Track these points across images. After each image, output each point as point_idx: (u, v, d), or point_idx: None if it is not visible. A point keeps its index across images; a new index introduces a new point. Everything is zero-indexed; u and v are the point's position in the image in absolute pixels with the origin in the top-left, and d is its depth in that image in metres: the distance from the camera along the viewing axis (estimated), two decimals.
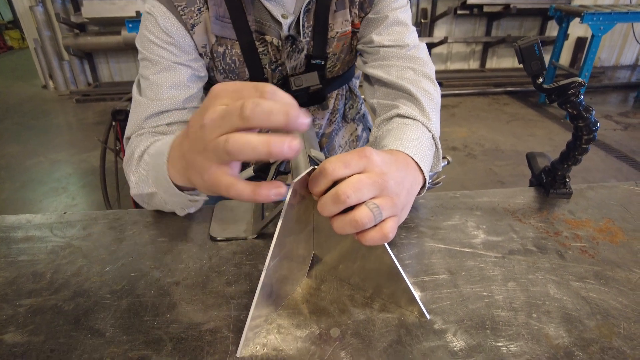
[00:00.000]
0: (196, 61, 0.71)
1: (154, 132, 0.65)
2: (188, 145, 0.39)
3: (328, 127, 0.93)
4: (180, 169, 0.44)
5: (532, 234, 0.61)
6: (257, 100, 0.32)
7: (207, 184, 0.36)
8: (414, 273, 0.53)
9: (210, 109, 0.34)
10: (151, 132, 0.65)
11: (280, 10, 0.70)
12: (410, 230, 0.62)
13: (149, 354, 0.42)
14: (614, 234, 0.60)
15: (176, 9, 0.66)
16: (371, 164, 0.40)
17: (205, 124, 0.34)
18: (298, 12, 0.70)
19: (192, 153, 0.38)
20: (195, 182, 0.40)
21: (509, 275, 0.53)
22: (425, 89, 0.66)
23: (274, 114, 0.31)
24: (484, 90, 4.38)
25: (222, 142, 0.32)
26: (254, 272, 0.54)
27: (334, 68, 0.81)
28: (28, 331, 0.45)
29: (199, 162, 0.36)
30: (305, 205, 0.45)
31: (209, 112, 0.34)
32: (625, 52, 5.27)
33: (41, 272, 0.54)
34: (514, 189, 0.72)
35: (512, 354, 0.42)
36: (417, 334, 0.44)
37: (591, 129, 0.61)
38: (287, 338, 0.44)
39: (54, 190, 2.68)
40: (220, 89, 0.35)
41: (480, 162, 2.89)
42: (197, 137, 0.36)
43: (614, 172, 2.73)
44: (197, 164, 0.37)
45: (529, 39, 0.58)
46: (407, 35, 0.72)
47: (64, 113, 4.08)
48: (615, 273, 0.53)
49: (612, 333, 0.44)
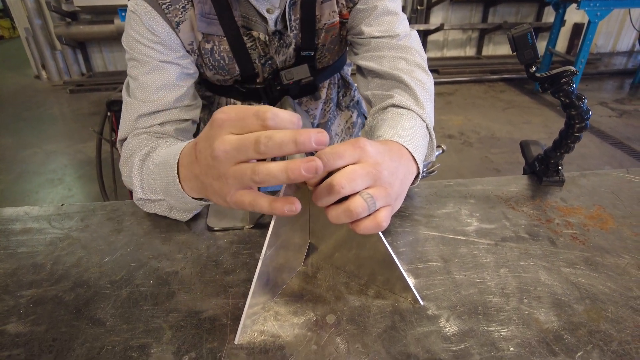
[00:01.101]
0: (184, 58, 0.70)
1: (149, 132, 0.65)
2: (199, 169, 0.41)
3: (323, 117, 0.93)
4: (195, 187, 0.47)
5: (525, 222, 0.62)
6: (269, 134, 0.34)
7: (230, 203, 0.39)
8: (408, 260, 0.54)
9: (218, 139, 0.36)
10: (147, 132, 0.65)
11: (265, 5, 0.69)
12: (405, 218, 0.62)
13: (149, 342, 0.43)
14: (604, 221, 0.62)
15: (160, 7, 0.65)
16: (365, 155, 0.41)
17: (218, 156, 0.36)
18: (284, 6, 0.70)
19: (207, 178, 0.40)
20: (214, 200, 0.42)
21: (501, 262, 0.54)
22: (418, 78, 0.66)
23: (285, 145, 0.33)
24: (480, 77, 4.37)
25: (248, 172, 0.35)
26: (251, 261, 0.54)
27: (323, 59, 0.81)
28: (30, 321, 0.46)
29: (218, 187, 0.39)
30: (300, 195, 0.46)
31: (218, 143, 0.36)
32: (621, 39, 5.26)
33: (41, 264, 0.55)
34: (507, 177, 0.73)
35: (503, 338, 0.43)
36: (411, 319, 0.46)
37: (583, 117, 0.62)
38: (284, 325, 0.45)
39: (49, 181, 2.67)
40: (222, 119, 0.36)
41: (476, 150, 2.90)
42: (209, 165, 0.38)
43: (608, 158, 2.75)
44: (216, 188, 0.39)
45: (522, 27, 0.58)
46: (397, 24, 0.72)
47: (58, 104, 4.05)
48: (604, 259, 0.54)
49: (600, 317, 0.46)
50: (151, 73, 0.66)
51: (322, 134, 0.34)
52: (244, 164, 0.36)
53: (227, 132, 0.36)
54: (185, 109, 0.69)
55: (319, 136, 0.33)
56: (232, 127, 0.36)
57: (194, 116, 0.71)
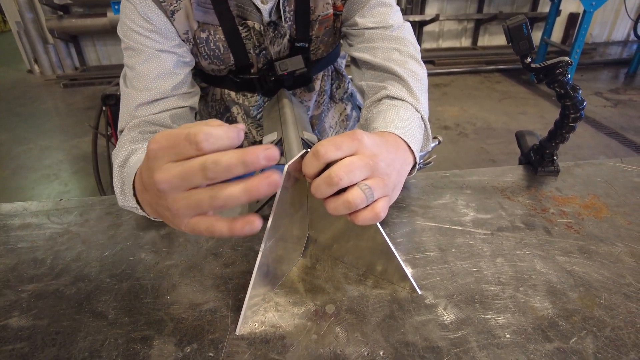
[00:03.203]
0: (180, 46, 0.70)
1: (146, 121, 0.65)
2: (150, 199, 0.39)
3: (316, 109, 0.93)
4: (153, 213, 0.44)
5: (520, 211, 0.62)
6: (215, 158, 0.32)
7: (187, 230, 0.37)
8: (405, 251, 0.55)
9: (158, 171, 0.34)
10: (143, 121, 0.65)
11: None
12: (402, 209, 0.63)
13: (151, 334, 0.44)
14: (598, 210, 0.62)
15: None
16: (362, 146, 0.41)
17: (162, 189, 0.34)
18: None
19: (158, 207, 0.38)
20: (173, 226, 0.40)
21: (498, 251, 0.55)
22: (412, 69, 0.66)
23: (233, 167, 0.32)
24: (476, 68, 4.37)
25: (206, 200, 0.33)
26: (251, 253, 0.55)
27: (317, 50, 0.81)
28: (32, 315, 0.47)
29: (170, 216, 0.37)
30: (299, 188, 0.46)
31: (158, 175, 0.33)
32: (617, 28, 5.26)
33: (41, 258, 0.55)
34: (503, 168, 0.74)
35: (499, 325, 0.44)
36: (409, 308, 0.46)
37: (578, 108, 0.63)
38: (285, 315, 0.46)
39: (45, 177, 2.66)
40: (155, 149, 0.34)
41: (471, 141, 2.91)
42: (157, 196, 0.36)
43: (603, 148, 2.77)
44: (168, 217, 0.37)
45: (517, 18, 0.58)
46: (391, 15, 0.72)
47: (51, 98, 4.02)
48: (598, 247, 0.55)
49: (594, 304, 0.47)
50: (148, 62, 0.66)
51: (270, 150, 0.32)
52: (197, 190, 0.34)
53: (165, 162, 0.34)
54: (184, 96, 0.70)
55: (267, 152, 0.32)
56: (168, 156, 0.34)
57: (192, 103, 0.72)
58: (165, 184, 0.33)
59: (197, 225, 0.36)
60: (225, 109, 0.90)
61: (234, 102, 0.88)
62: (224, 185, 0.33)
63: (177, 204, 0.34)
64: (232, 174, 0.32)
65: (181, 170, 0.33)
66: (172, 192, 0.34)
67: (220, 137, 0.32)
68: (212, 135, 0.32)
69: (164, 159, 0.34)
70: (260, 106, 0.88)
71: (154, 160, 0.34)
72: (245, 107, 0.88)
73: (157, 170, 0.34)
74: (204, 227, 0.36)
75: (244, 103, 0.87)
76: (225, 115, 0.91)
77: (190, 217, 0.36)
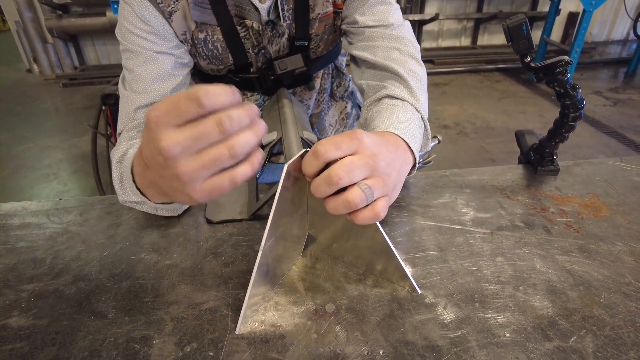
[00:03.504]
0: (178, 48, 0.70)
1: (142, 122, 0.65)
2: (153, 175, 0.39)
3: (316, 107, 0.93)
4: (156, 194, 0.44)
5: (520, 210, 0.62)
6: (228, 113, 0.33)
7: (201, 195, 0.36)
8: (405, 250, 0.55)
9: (165, 137, 0.33)
10: (142, 123, 0.65)
11: None
12: (402, 208, 0.63)
13: (151, 334, 0.44)
14: (598, 209, 0.62)
15: None
16: (362, 146, 0.41)
17: (173, 155, 0.33)
18: None
19: (164, 181, 0.37)
20: (180, 200, 0.39)
21: (497, 250, 0.55)
22: (411, 69, 0.66)
23: (243, 119, 0.34)
24: (476, 67, 4.37)
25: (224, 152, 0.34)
26: (251, 252, 0.55)
27: (317, 49, 0.81)
28: (32, 315, 0.47)
29: (180, 187, 0.35)
30: (298, 187, 0.46)
31: (166, 141, 0.33)
32: (616, 27, 5.26)
33: (41, 258, 0.55)
34: (502, 167, 0.74)
35: (499, 324, 0.44)
36: (408, 307, 0.46)
37: (577, 107, 0.63)
38: (284, 314, 0.46)
39: (44, 176, 2.66)
40: (156, 115, 0.33)
41: (471, 140, 2.91)
42: (163, 167, 0.35)
43: (602, 147, 2.77)
44: (177, 188, 0.36)
45: (517, 18, 0.58)
46: (391, 13, 0.72)
47: (51, 98, 4.01)
48: (598, 246, 0.55)
49: (594, 302, 0.47)
50: (146, 64, 0.66)
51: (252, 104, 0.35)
52: (210, 148, 0.34)
53: (169, 127, 0.33)
54: None
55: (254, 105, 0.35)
56: (171, 119, 0.33)
57: None
58: (176, 147, 0.33)
59: (216, 183, 0.35)
60: None
61: None
62: (234, 134, 0.34)
63: (190, 166, 0.34)
64: (242, 126, 0.34)
65: (194, 131, 0.33)
66: (184, 156, 0.33)
67: (219, 94, 0.33)
68: (211, 92, 0.32)
69: (168, 124, 0.33)
70: (260, 105, 0.88)
71: (156, 129, 0.33)
72: None
73: (162, 136, 0.33)
74: (227, 179, 0.35)
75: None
76: None
77: (203, 180, 0.35)
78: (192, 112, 0.33)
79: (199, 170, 0.34)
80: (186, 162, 0.34)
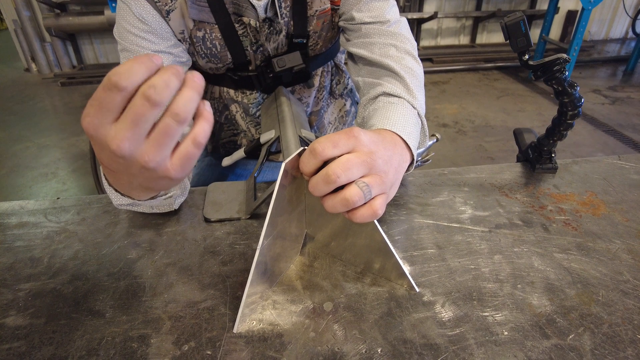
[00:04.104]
0: (176, 47, 0.70)
1: None
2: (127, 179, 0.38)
3: (315, 105, 0.93)
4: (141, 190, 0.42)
5: (518, 209, 0.62)
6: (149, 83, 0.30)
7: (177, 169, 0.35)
8: (403, 248, 0.55)
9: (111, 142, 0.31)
10: None
11: None
12: (400, 207, 0.63)
13: (148, 333, 0.44)
14: (596, 207, 0.62)
15: None
16: (359, 144, 0.41)
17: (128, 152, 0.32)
18: None
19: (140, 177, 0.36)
20: (168, 185, 0.38)
21: (495, 248, 0.55)
22: (408, 66, 0.66)
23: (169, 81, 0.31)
24: (475, 65, 4.36)
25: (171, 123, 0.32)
26: (248, 251, 0.55)
27: (316, 46, 0.81)
28: (29, 314, 0.46)
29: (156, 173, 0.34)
30: (296, 186, 0.46)
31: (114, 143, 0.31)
32: (615, 25, 5.26)
33: (38, 257, 0.55)
34: (500, 165, 0.74)
35: (497, 322, 0.44)
36: (406, 306, 0.46)
37: (576, 105, 0.62)
38: (282, 313, 0.46)
39: (43, 175, 2.65)
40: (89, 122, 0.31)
41: (470, 139, 2.91)
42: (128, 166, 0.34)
43: (601, 146, 2.77)
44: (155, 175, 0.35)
45: (515, 15, 0.58)
46: (388, 10, 0.72)
47: (49, 97, 4.00)
48: (596, 244, 0.55)
49: (592, 300, 0.47)
50: None
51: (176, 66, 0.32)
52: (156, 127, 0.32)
53: (107, 126, 0.31)
54: None
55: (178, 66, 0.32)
56: (104, 118, 0.31)
57: None
58: (124, 142, 0.31)
59: (183, 154, 0.34)
60: (224, 107, 0.90)
61: (233, 100, 0.87)
62: (174, 100, 0.32)
63: (149, 152, 0.32)
64: (172, 89, 0.31)
65: (128, 120, 0.31)
66: (137, 146, 0.32)
67: (132, 69, 0.30)
68: (122, 70, 0.30)
69: (104, 124, 0.31)
70: (259, 104, 0.87)
71: (97, 134, 0.31)
72: (244, 104, 0.87)
73: (107, 139, 0.31)
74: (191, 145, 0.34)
75: (242, 101, 0.87)
76: (224, 113, 0.91)
77: (170, 157, 0.34)
78: (117, 99, 0.30)
79: (158, 151, 0.33)
80: (143, 149, 0.32)
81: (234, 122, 0.91)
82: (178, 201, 0.62)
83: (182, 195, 0.63)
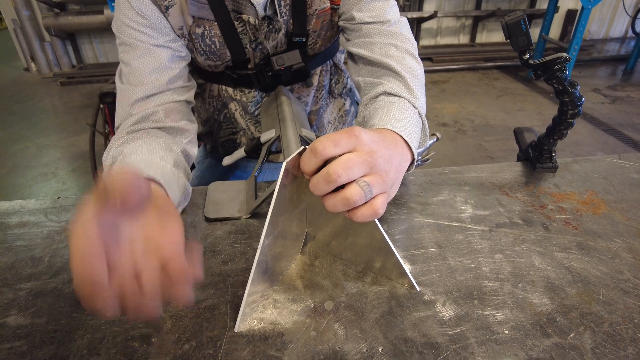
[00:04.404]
0: (175, 41, 0.70)
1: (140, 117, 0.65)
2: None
3: (315, 104, 0.93)
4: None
5: (519, 208, 0.62)
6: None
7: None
8: (404, 247, 0.55)
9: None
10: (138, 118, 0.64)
11: None
12: (400, 206, 0.63)
13: (149, 332, 0.44)
14: (596, 206, 0.63)
15: None
16: (360, 143, 0.41)
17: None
18: None
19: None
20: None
21: (496, 247, 0.55)
22: (409, 65, 0.66)
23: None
24: (474, 65, 4.36)
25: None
26: (249, 250, 0.55)
27: (315, 45, 0.81)
28: (30, 314, 0.46)
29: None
30: (297, 185, 0.46)
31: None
32: (614, 25, 5.26)
33: (39, 257, 0.55)
34: (501, 164, 0.74)
35: (498, 321, 0.44)
36: (407, 305, 0.46)
37: (576, 104, 0.63)
38: (283, 312, 0.46)
39: (43, 175, 2.65)
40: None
41: (470, 138, 2.91)
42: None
43: (601, 145, 2.77)
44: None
45: (516, 14, 0.58)
46: (388, 10, 0.72)
47: (48, 96, 4.00)
48: (596, 243, 0.55)
49: (592, 299, 0.47)
50: (143, 57, 0.66)
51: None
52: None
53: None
54: (179, 90, 0.69)
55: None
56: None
57: (188, 97, 0.71)
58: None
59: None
60: (223, 105, 0.90)
61: (232, 99, 0.87)
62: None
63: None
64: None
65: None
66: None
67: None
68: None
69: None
70: (258, 102, 0.87)
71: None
72: (242, 103, 0.87)
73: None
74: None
75: (241, 99, 0.87)
76: (222, 111, 0.91)
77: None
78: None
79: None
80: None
81: (233, 120, 0.91)
82: (181, 207, 0.62)
83: (185, 200, 0.63)
